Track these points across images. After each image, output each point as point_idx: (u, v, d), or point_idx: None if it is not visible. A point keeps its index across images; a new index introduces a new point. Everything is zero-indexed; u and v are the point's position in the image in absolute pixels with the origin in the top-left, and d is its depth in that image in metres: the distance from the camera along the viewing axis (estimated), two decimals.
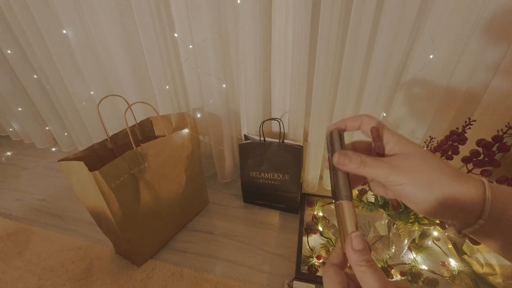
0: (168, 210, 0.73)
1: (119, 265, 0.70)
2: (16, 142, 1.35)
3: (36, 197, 0.97)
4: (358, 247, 0.22)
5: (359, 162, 0.25)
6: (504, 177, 0.45)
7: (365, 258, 0.21)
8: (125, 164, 0.58)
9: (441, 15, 0.56)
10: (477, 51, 0.58)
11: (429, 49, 0.60)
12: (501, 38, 0.55)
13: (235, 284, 0.65)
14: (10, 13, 0.88)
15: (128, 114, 0.63)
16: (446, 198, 0.23)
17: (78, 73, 0.93)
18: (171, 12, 0.76)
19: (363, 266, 0.21)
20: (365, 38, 0.61)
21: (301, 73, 0.69)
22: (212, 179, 1.01)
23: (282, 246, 0.75)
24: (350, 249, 0.22)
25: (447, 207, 0.23)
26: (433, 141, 0.60)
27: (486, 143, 0.44)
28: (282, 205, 0.86)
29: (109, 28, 0.75)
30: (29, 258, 0.73)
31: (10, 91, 1.12)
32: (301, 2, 0.59)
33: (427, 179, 0.23)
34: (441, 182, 0.23)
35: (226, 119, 0.85)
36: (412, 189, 0.24)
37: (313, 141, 0.81)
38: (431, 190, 0.23)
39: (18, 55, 1.01)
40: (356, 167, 0.25)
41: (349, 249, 0.22)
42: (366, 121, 0.27)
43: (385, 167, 0.24)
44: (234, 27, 0.72)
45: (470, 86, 0.62)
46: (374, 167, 0.24)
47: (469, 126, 0.48)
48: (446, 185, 0.23)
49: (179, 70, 0.86)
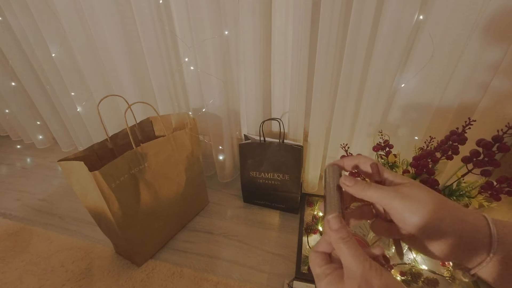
0: (168, 210, 0.73)
1: (119, 265, 0.70)
2: (16, 142, 1.35)
3: (36, 197, 0.97)
4: (335, 227, 0.25)
5: (364, 184, 0.27)
6: (504, 177, 0.45)
7: (341, 236, 0.24)
8: (125, 164, 0.58)
9: (441, 15, 0.56)
10: (477, 51, 0.58)
11: (429, 49, 0.60)
12: (502, 38, 0.55)
13: (235, 284, 0.65)
14: (10, 13, 0.88)
15: (128, 114, 0.63)
16: (455, 219, 0.23)
17: (78, 73, 0.93)
18: (171, 12, 0.75)
19: (340, 243, 0.24)
20: (365, 38, 0.61)
21: (301, 73, 0.69)
22: (212, 179, 1.01)
23: (282, 246, 0.75)
24: (328, 231, 0.25)
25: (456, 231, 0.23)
26: (433, 141, 0.60)
27: (486, 143, 0.44)
28: (282, 205, 0.86)
29: (109, 28, 0.75)
30: (29, 258, 0.73)
31: (10, 91, 1.12)
32: (301, 2, 0.59)
33: (434, 202, 0.24)
34: (448, 206, 0.24)
35: (226, 119, 0.85)
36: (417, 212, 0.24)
37: (313, 141, 0.81)
38: (439, 218, 0.23)
39: (18, 55, 1.01)
40: (361, 188, 0.26)
41: (327, 230, 0.25)
42: (363, 160, 0.30)
43: (390, 189, 0.25)
44: (234, 27, 0.72)
45: (470, 86, 0.62)
46: (380, 189, 0.26)
47: (469, 126, 0.48)
48: (453, 209, 0.24)
49: (179, 70, 0.86)
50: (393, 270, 0.63)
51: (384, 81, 0.64)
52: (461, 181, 0.53)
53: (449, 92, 0.65)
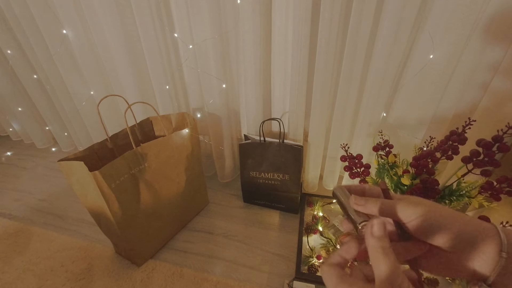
0: (168, 210, 0.73)
1: (119, 265, 0.70)
2: (16, 142, 1.35)
3: (36, 197, 0.97)
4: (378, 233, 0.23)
5: (375, 200, 0.27)
6: (504, 177, 0.45)
7: (382, 245, 0.22)
8: (125, 164, 0.58)
9: (441, 15, 0.56)
10: (477, 51, 0.57)
11: (429, 49, 0.60)
12: (502, 38, 0.55)
13: (235, 284, 0.65)
14: (10, 13, 0.88)
15: (128, 114, 0.63)
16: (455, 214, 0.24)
17: (78, 73, 0.93)
18: (171, 12, 0.76)
19: (380, 253, 0.22)
20: (365, 38, 0.61)
21: (301, 73, 0.69)
22: (212, 179, 1.01)
23: (282, 246, 0.75)
24: (369, 237, 0.23)
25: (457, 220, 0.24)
26: (433, 141, 0.60)
27: (486, 143, 0.44)
28: (282, 205, 0.86)
29: (109, 28, 0.74)
30: (29, 258, 0.73)
31: (10, 91, 1.12)
32: (301, 2, 0.59)
33: (433, 203, 0.25)
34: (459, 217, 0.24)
35: (226, 119, 0.85)
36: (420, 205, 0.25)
37: (313, 141, 0.81)
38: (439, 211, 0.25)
39: (18, 55, 1.00)
40: (373, 205, 0.27)
41: (369, 234, 0.23)
42: (370, 187, 0.31)
43: (396, 199, 0.27)
44: (234, 27, 0.72)
45: (470, 86, 0.62)
46: (387, 201, 0.27)
47: (469, 126, 0.48)
48: (463, 217, 0.24)
49: (179, 70, 0.86)
50: None
51: (384, 81, 0.64)
52: (461, 181, 0.53)
53: (449, 92, 0.65)
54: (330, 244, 0.70)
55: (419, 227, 0.25)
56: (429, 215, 0.24)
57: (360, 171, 0.64)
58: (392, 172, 0.61)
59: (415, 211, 0.25)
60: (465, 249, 0.23)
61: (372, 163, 0.65)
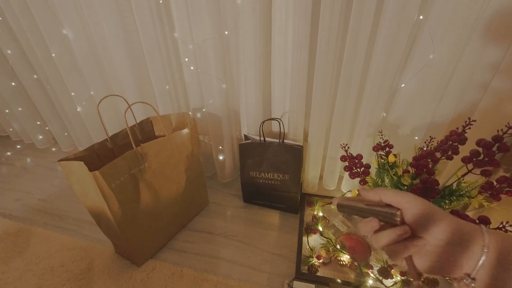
0: (168, 210, 0.73)
1: (119, 265, 0.70)
2: (16, 142, 1.35)
3: (36, 197, 0.97)
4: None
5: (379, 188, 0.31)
6: (504, 177, 0.45)
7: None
8: (125, 164, 0.58)
9: (441, 15, 0.56)
10: (477, 51, 0.57)
11: (429, 49, 0.60)
12: (502, 38, 0.55)
13: (235, 284, 0.65)
14: (10, 13, 0.88)
15: (128, 114, 0.63)
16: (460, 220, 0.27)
17: (78, 73, 0.93)
18: (171, 12, 0.75)
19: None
20: (365, 38, 0.61)
21: (301, 73, 0.69)
22: (212, 179, 1.01)
23: (282, 246, 0.75)
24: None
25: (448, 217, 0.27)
26: (433, 141, 0.60)
27: (486, 143, 0.44)
28: (282, 205, 0.86)
29: (109, 28, 0.74)
30: (29, 258, 0.73)
31: (10, 91, 1.12)
32: (301, 2, 0.59)
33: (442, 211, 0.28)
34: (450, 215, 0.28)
35: (226, 119, 0.85)
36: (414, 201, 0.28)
37: (313, 141, 0.81)
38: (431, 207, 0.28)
39: (18, 55, 1.01)
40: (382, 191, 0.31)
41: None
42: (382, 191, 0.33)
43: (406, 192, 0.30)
44: (234, 27, 0.72)
45: (470, 86, 0.62)
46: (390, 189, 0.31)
47: (469, 126, 0.48)
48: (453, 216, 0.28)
49: (179, 70, 0.86)
50: (393, 270, 0.63)
51: (384, 81, 0.64)
52: (461, 181, 0.53)
53: (449, 92, 0.65)
54: (330, 244, 0.70)
55: (416, 216, 0.28)
56: (428, 207, 0.28)
57: (360, 171, 0.64)
58: (392, 172, 0.61)
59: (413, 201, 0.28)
60: (457, 244, 0.26)
61: (372, 163, 0.65)
